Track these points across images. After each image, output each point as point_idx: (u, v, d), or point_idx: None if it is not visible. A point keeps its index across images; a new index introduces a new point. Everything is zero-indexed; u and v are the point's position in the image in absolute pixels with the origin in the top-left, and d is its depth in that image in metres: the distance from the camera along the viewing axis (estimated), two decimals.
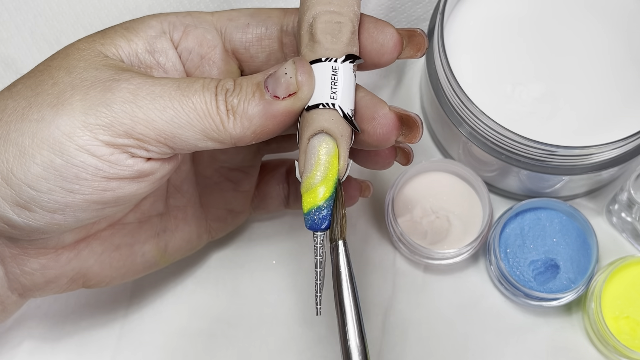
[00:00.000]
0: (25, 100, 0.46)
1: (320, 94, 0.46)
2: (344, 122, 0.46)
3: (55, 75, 0.47)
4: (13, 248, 0.50)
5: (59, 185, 0.45)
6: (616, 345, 0.59)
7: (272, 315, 0.62)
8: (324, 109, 0.46)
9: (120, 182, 0.46)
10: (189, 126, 0.45)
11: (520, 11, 0.61)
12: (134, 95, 0.45)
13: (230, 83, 0.46)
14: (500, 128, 0.56)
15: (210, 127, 0.46)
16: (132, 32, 0.50)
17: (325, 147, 0.46)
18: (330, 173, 0.46)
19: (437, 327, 0.62)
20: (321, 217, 0.46)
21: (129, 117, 0.45)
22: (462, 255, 0.62)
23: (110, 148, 0.45)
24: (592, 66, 0.60)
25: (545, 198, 0.62)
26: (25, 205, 0.46)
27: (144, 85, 0.46)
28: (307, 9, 0.47)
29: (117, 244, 0.54)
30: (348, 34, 0.47)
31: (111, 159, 0.45)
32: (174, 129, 0.45)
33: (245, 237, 0.64)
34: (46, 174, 0.45)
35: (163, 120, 0.45)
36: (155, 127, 0.45)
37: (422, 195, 0.63)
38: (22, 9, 0.67)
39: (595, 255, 0.60)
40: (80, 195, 0.46)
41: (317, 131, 0.46)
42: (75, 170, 0.45)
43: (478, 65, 0.60)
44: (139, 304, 0.63)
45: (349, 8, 0.47)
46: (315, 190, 0.46)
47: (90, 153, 0.45)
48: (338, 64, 0.46)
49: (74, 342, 0.62)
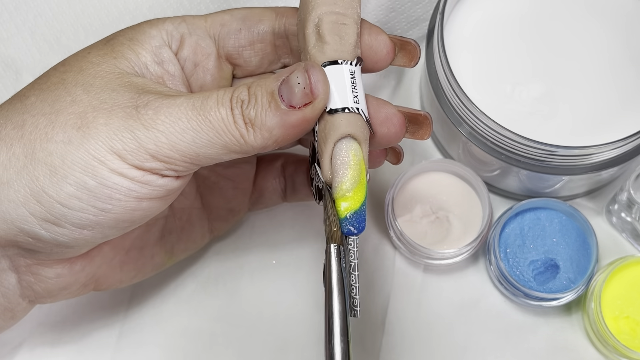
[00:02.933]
0: (45, 117, 0.47)
1: (343, 97, 0.46)
2: (366, 127, 0.47)
3: (72, 92, 0.47)
4: (29, 258, 0.50)
5: (91, 205, 0.46)
6: (616, 345, 0.59)
7: (272, 315, 0.62)
8: (349, 114, 0.46)
9: (151, 201, 0.47)
10: (210, 145, 0.46)
11: (520, 11, 0.61)
12: (154, 121, 0.46)
13: (245, 93, 0.46)
14: (500, 128, 0.56)
15: (232, 142, 0.46)
16: (136, 44, 0.50)
17: (354, 152, 0.46)
18: (362, 177, 0.47)
19: (437, 327, 0.63)
20: (360, 221, 0.47)
21: (153, 143, 0.45)
22: (462, 255, 0.62)
23: (141, 171, 0.46)
24: (591, 66, 0.60)
25: (545, 198, 0.62)
26: (54, 221, 0.46)
27: (161, 109, 0.46)
28: (312, 9, 0.47)
29: (127, 248, 0.55)
30: (355, 36, 0.47)
31: (143, 180, 0.46)
32: (197, 149, 0.46)
33: (245, 237, 0.64)
34: (79, 193, 0.46)
35: (185, 142, 0.46)
36: (179, 150, 0.46)
37: (422, 195, 0.63)
38: (22, 9, 0.67)
39: (595, 255, 0.60)
40: (111, 214, 0.47)
41: (344, 135, 0.46)
42: (109, 192, 0.46)
43: (478, 65, 0.60)
44: (139, 303, 0.63)
45: (353, 10, 0.47)
46: (350, 197, 0.46)
47: (123, 175, 0.46)
48: (354, 67, 0.46)
49: (74, 342, 0.62)
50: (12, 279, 0.51)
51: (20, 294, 0.51)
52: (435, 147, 0.66)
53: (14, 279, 0.51)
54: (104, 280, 0.55)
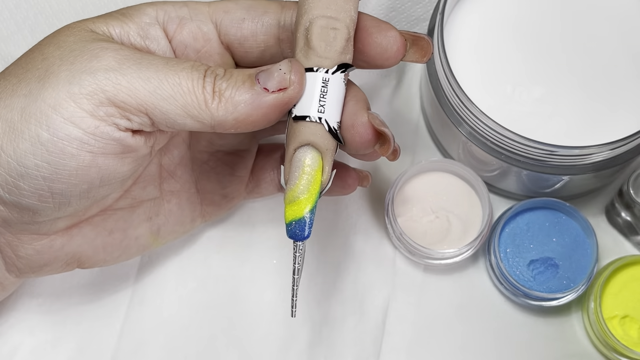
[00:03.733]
0: (16, 77, 0.47)
1: (309, 105, 0.46)
2: (329, 136, 0.47)
3: (45, 51, 0.47)
4: (7, 235, 0.50)
5: (45, 161, 0.45)
6: (615, 345, 0.59)
7: (272, 315, 0.62)
8: (310, 122, 0.46)
9: (105, 157, 0.46)
10: (171, 99, 0.45)
11: (520, 11, 0.61)
12: (120, 63, 0.45)
13: (221, 70, 0.47)
14: (500, 128, 0.56)
15: (192, 103, 0.46)
16: (126, 17, 0.50)
17: (309, 160, 0.47)
18: (313, 186, 0.47)
19: (437, 327, 0.63)
20: (302, 229, 0.47)
21: (111, 84, 0.45)
22: (462, 255, 0.62)
23: (95, 120, 0.45)
24: (592, 66, 0.60)
25: (545, 198, 0.62)
26: (14, 183, 0.46)
27: (132, 56, 0.46)
28: (305, 12, 0.47)
29: (109, 228, 0.54)
30: (342, 42, 0.47)
31: (96, 132, 0.45)
32: (155, 100, 0.45)
33: (246, 237, 0.64)
34: (34, 149, 0.45)
35: (146, 90, 0.45)
36: (137, 96, 0.45)
37: (422, 195, 0.63)
38: (22, 7, 0.67)
39: (594, 255, 0.60)
40: (65, 171, 0.46)
41: (304, 144, 0.47)
42: (61, 145, 0.45)
43: (478, 66, 0.60)
44: (140, 303, 0.63)
45: (346, 14, 0.47)
46: (298, 202, 0.47)
47: (75, 125, 0.45)
48: (329, 75, 0.46)
49: (74, 342, 0.62)
50: None
51: (5, 269, 0.52)
52: (435, 147, 0.66)
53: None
54: (87, 259, 0.54)
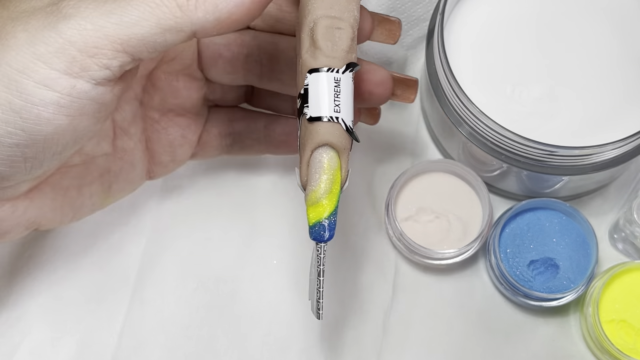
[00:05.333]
0: None
1: (324, 105, 0.46)
2: (347, 136, 0.47)
3: None
4: None
5: (19, 129, 0.43)
6: (610, 349, 0.58)
7: (272, 315, 0.62)
8: (328, 122, 0.46)
9: (82, 118, 0.45)
10: (142, 21, 0.43)
11: (520, 11, 0.61)
12: (76, 9, 0.43)
13: None
14: (500, 128, 0.56)
15: (166, 14, 0.43)
16: None
17: (329, 161, 0.46)
18: (334, 187, 0.47)
19: (437, 327, 0.62)
20: (326, 230, 0.47)
21: (77, 33, 0.42)
22: (462, 255, 0.62)
23: (71, 79, 0.43)
24: (592, 66, 0.60)
25: (545, 198, 0.62)
26: None
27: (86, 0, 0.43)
28: (309, 13, 0.47)
29: (65, 186, 0.53)
30: (348, 41, 0.46)
31: (73, 92, 0.43)
32: (126, 28, 0.43)
33: (246, 237, 0.64)
34: (5, 116, 0.43)
35: (112, 23, 0.43)
36: (107, 34, 0.43)
37: (422, 195, 0.63)
38: None
39: (595, 256, 0.60)
40: (41, 136, 0.44)
41: (321, 144, 0.46)
42: (36, 111, 0.43)
43: (478, 65, 0.60)
44: (140, 303, 0.62)
45: (349, 13, 0.47)
46: (320, 204, 0.47)
47: (49, 88, 0.43)
48: (340, 74, 0.46)
49: (74, 342, 0.62)
50: None
51: None
52: (435, 147, 0.66)
53: None
54: (46, 222, 0.53)
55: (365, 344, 0.62)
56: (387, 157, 0.66)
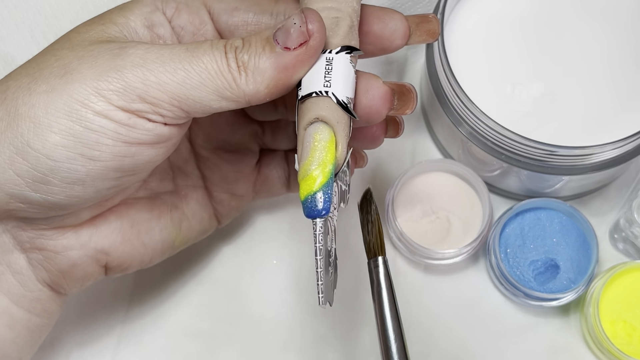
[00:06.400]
0: (29, 77, 0.46)
1: (314, 83, 0.46)
2: (339, 109, 0.46)
3: (58, 54, 0.46)
4: (29, 231, 0.49)
5: (79, 153, 0.45)
6: (611, 349, 0.58)
7: (272, 315, 0.62)
8: (317, 97, 0.46)
9: (139, 147, 0.46)
10: (201, 86, 0.45)
11: (520, 11, 0.61)
12: (144, 59, 0.45)
13: (239, 41, 0.46)
14: (500, 128, 0.56)
15: (223, 85, 0.45)
16: (127, 11, 0.50)
17: (320, 134, 0.46)
18: (326, 159, 0.45)
19: (437, 327, 0.63)
20: (318, 204, 0.45)
21: (140, 81, 0.45)
22: (462, 255, 0.62)
23: (127, 113, 0.45)
24: (592, 66, 0.60)
25: (545, 198, 0.62)
26: (43, 179, 0.45)
27: (152, 50, 0.45)
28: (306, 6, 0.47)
29: (133, 218, 0.53)
30: (345, 28, 0.47)
31: (130, 122, 0.45)
32: (186, 90, 0.45)
33: (246, 237, 0.64)
34: (66, 141, 0.45)
35: (175, 82, 0.45)
36: (167, 90, 0.45)
37: (422, 195, 0.63)
38: (22, 7, 0.67)
39: (595, 256, 0.60)
40: (100, 162, 0.46)
41: (313, 120, 0.46)
42: (96, 136, 0.45)
43: (478, 65, 0.60)
44: (140, 303, 0.63)
45: (347, 4, 0.47)
46: (310, 176, 0.45)
47: (108, 118, 0.45)
48: (332, 54, 0.46)
49: (74, 342, 0.62)
50: (22, 260, 0.50)
51: (35, 277, 0.50)
52: (435, 147, 0.66)
53: (23, 260, 0.50)
54: (116, 255, 0.52)
55: (365, 344, 0.62)
56: (387, 157, 0.66)
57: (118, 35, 0.48)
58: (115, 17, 0.49)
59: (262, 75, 0.45)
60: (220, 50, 0.46)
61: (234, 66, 0.45)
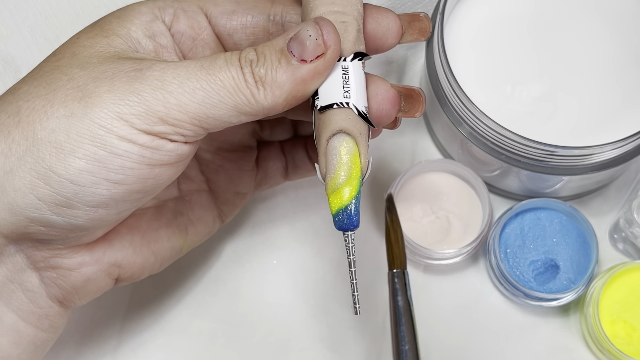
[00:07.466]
0: (41, 99, 0.45)
1: (333, 93, 0.46)
2: (360, 120, 0.46)
3: (68, 72, 0.46)
4: (44, 251, 0.48)
5: (104, 177, 0.45)
6: (610, 349, 0.58)
7: (272, 315, 0.62)
8: (339, 109, 0.46)
9: (162, 168, 0.46)
10: (221, 104, 0.45)
11: (520, 11, 0.61)
12: (161, 81, 0.45)
13: (252, 53, 0.46)
14: (500, 128, 0.56)
15: (242, 101, 0.45)
16: (127, 21, 0.50)
17: (345, 146, 0.46)
18: (353, 172, 0.46)
19: (437, 327, 0.62)
20: (350, 217, 0.46)
21: (161, 104, 0.45)
22: (462, 255, 0.62)
23: (150, 135, 0.45)
24: (592, 66, 0.60)
25: (545, 198, 0.62)
26: (66, 202, 0.45)
27: (168, 70, 0.45)
28: (311, 10, 0.47)
29: (142, 229, 0.54)
30: (354, 33, 0.47)
31: (153, 144, 0.45)
32: (206, 109, 0.45)
33: (246, 237, 0.64)
34: (90, 167, 0.44)
35: (195, 102, 0.45)
36: (188, 111, 0.45)
37: (422, 195, 0.63)
38: (22, 7, 0.67)
39: (595, 256, 0.60)
40: (124, 185, 0.46)
41: (336, 131, 0.46)
42: (120, 161, 0.45)
43: (478, 65, 0.60)
44: (140, 303, 0.63)
45: (353, 7, 0.47)
46: (340, 191, 0.46)
47: (132, 142, 0.45)
48: (347, 62, 0.46)
49: (74, 342, 0.62)
50: (34, 278, 0.49)
51: (47, 294, 0.50)
52: (435, 147, 0.66)
53: (35, 278, 0.49)
54: (128, 266, 0.53)
55: (365, 343, 0.62)
56: (387, 157, 0.66)
57: (124, 48, 0.48)
58: (116, 27, 0.49)
59: (280, 88, 0.45)
60: (235, 65, 0.45)
61: (251, 81, 0.45)
